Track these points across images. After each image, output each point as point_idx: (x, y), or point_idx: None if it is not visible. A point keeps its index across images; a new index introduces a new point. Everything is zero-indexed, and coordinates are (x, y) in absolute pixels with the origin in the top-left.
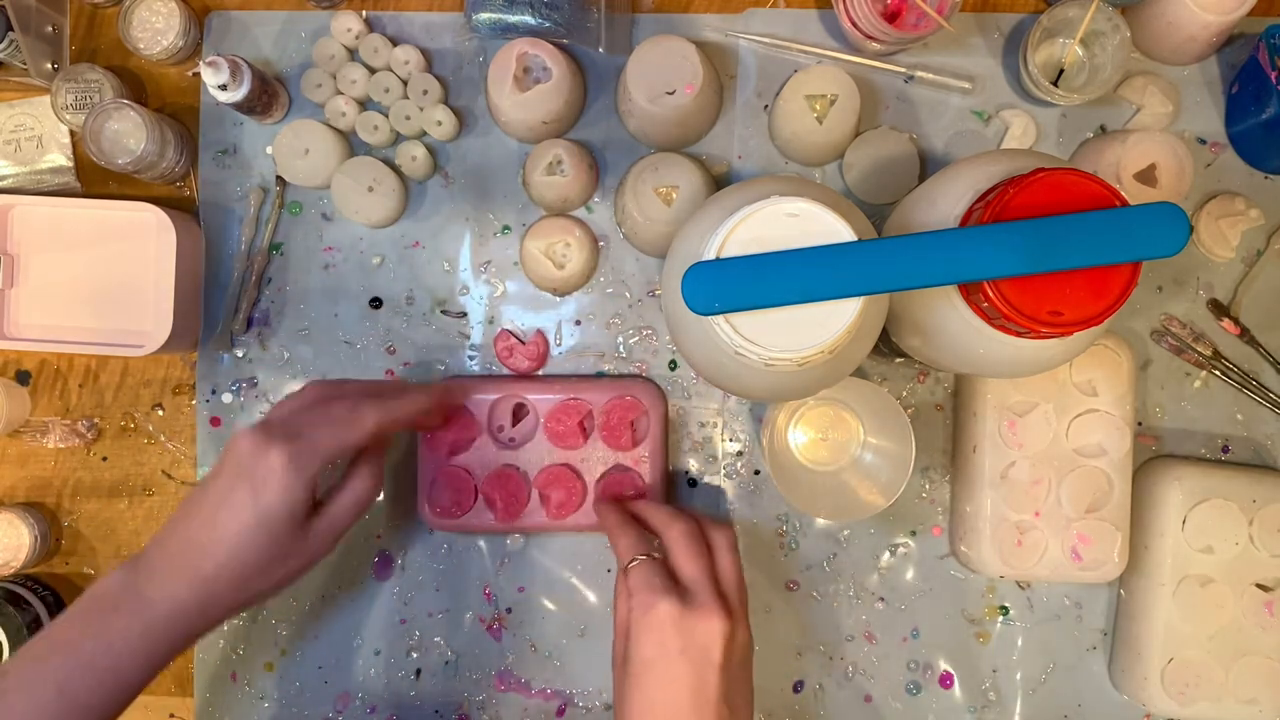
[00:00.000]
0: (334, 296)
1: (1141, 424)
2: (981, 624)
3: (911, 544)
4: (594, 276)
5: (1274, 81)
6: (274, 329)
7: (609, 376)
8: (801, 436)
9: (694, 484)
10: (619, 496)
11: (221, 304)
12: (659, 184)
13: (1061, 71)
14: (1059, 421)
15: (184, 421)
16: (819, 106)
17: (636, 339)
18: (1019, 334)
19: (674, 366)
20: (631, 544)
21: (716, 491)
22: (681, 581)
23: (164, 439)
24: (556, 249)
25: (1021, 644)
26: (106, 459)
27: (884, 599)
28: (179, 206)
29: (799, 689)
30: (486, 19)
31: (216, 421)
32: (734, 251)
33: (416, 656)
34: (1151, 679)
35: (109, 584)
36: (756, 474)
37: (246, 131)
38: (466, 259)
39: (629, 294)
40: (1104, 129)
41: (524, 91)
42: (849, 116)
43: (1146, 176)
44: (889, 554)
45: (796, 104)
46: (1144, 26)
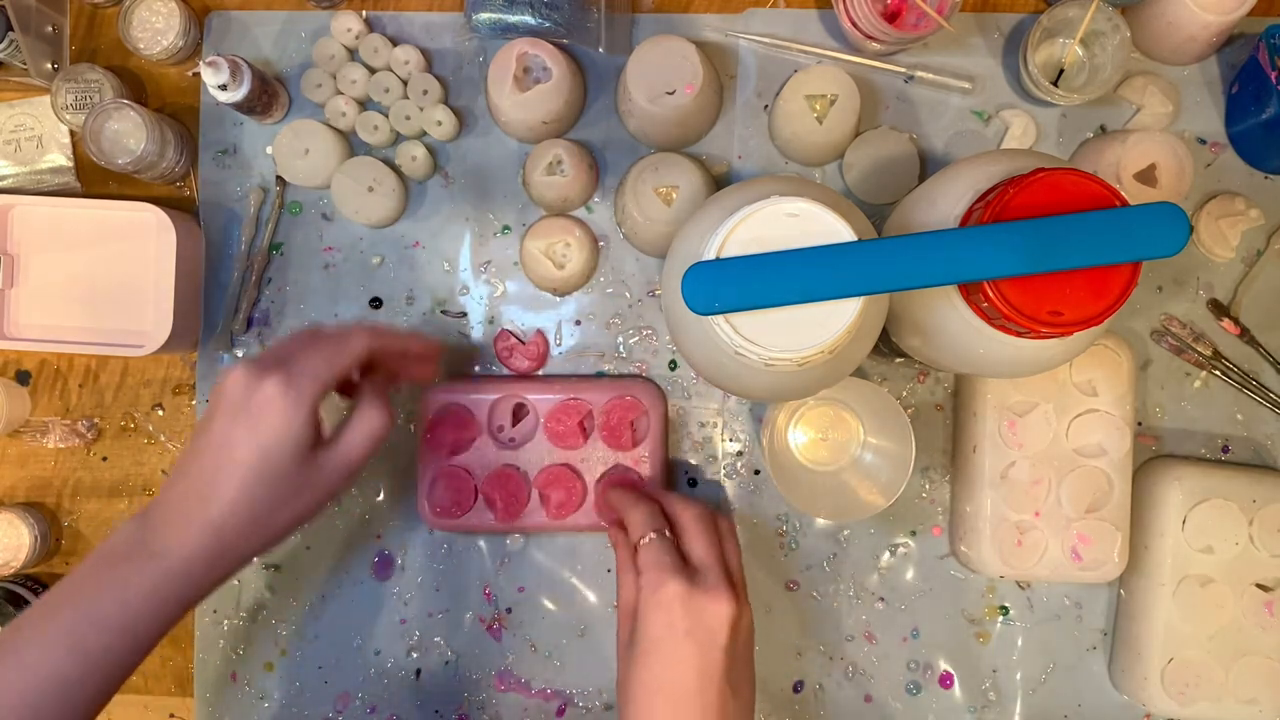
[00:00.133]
0: (334, 296)
1: (1141, 424)
2: (981, 624)
3: (911, 544)
4: (594, 276)
5: (1274, 81)
6: (274, 329)
7: (609, 376)
8: (801, 436)
9: (694, 484)
10: (627, 481)
11: (221, 304)
12: (659, 184)
13: (1061, 71)
14: (1059, 421)
15: (184, 421)
16: (819, 106)
17: (636, 339)
18: (1019, 334)
19: (674, 366)
20: (644, 519)
21: (716, 491)
22: (691, 562)
23: (164, 439)
24: (556, 249)
25: (1021, 644)
26: (106, 459)
27: (884, 599)
28: (179, 206)
29: (799, 689)
30: (486, 19)
31: None
32: (734, 251)
33: (416, 656)
34: (1151, 679)
35: (118, 538)
36: (756, 474)
37: (246, 131)
38: (466, 259)
39: (629, 294)
40: (1104, 129)
41: (524, 91)
42: (849, 116)
43: (1146, 176)
44: (889, 554)
45: (796, 104)
46: (1144, 26)
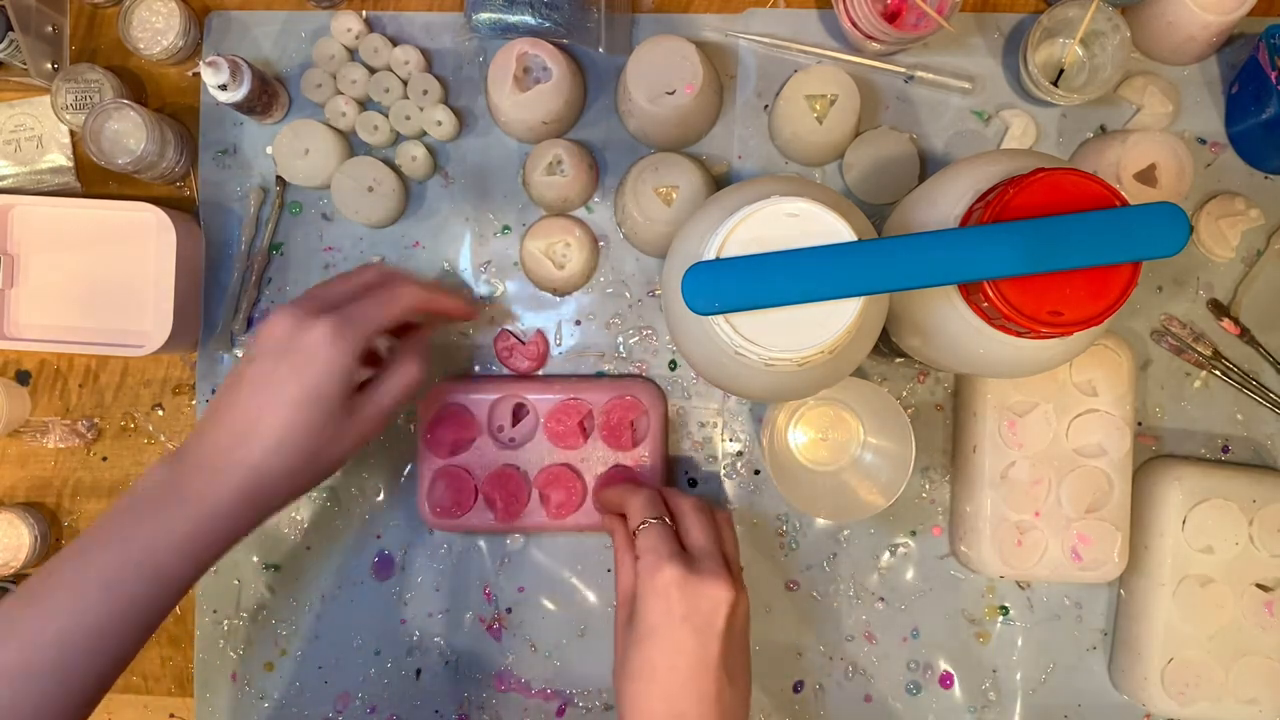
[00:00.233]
0: None
1: (1141, 424)
2: (981, 624)
3: (911, 544)
4: (594, 276)
5: (1274, 81)
6: None
7: (609, 376)
8: (801, 436)
9: (694, 484)
10: (625, 477)
11: (221, 304)
12: (659, 184)
13: (1061, 71)
14: (1059, 421)
15: (184, 421)
16: (819, 106)
17: (636, 339)
18: (1019, 334)
19: (674, 366)
20: (644, 505)
21: (716, 491)
22: (689, 549)
23: (164, 439)
24: (556, 249)
25: (1021, 644)
26: (106, 459)
27: (884, 599)
28: (179, 206)
29: (799, 689)
30: (486, 19)
31: None
32: (734, 251)
33: (416, 656)
34: (1151, 679)
35: (150, 480)
36: (756, 474)
37: (246, 131)
38: (466, 259)
39: (629, 294)
40: (1104, 129)
41: (524, 91)
42: (849, 116)
43: (1146, 176)
44: (889, 554)
45: (796, 104)
46: (1144, 26)
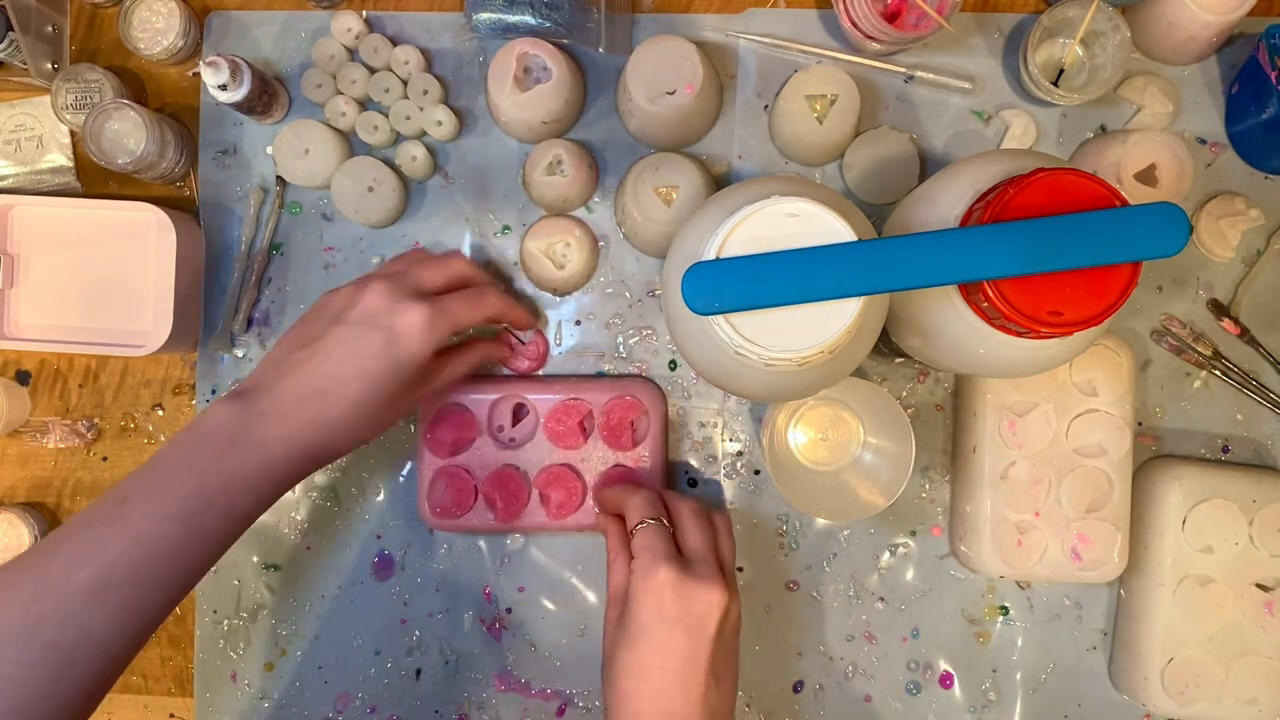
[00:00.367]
0: None
1: (1141, 424)
2: (981, 624)
3: (911, 544)
4: (594, 276)
5: (1274, 81)
6: (274, 329)
7: (609, 376)
8: (801, 436)
9: (694, 484)
10: (625, 477)
11: (221, 304)
12: (659, 184)
13: (1061, 71)
14: (1059, 421)
15: (184, 422)
16: (819, 106)
17: (636, 339)
18: (1019, 334)
19: (674, 366)
20: (643, 505)
21: (716, 491)
22: (685, 551)
23: (164, 439)
24: (556, 249)
25: (1021, 644)
26: (106, 459)
27: (884, 599)
28: (179, 206)
29: (799, 689)
30: (486, 19)
31: None
32: (734, 251)
33: (416, 656)
34: (1151, 679)
35: (221, 419)
36: (756, 474)
37: (246, 131)
38: None
39: (629, 294)
40: (1104, 129)
41: (524, 91)
42: (849, 116)
43: (1146, 176)
44: (889, 554)
45: (796, 104)
46: (1144, 26)
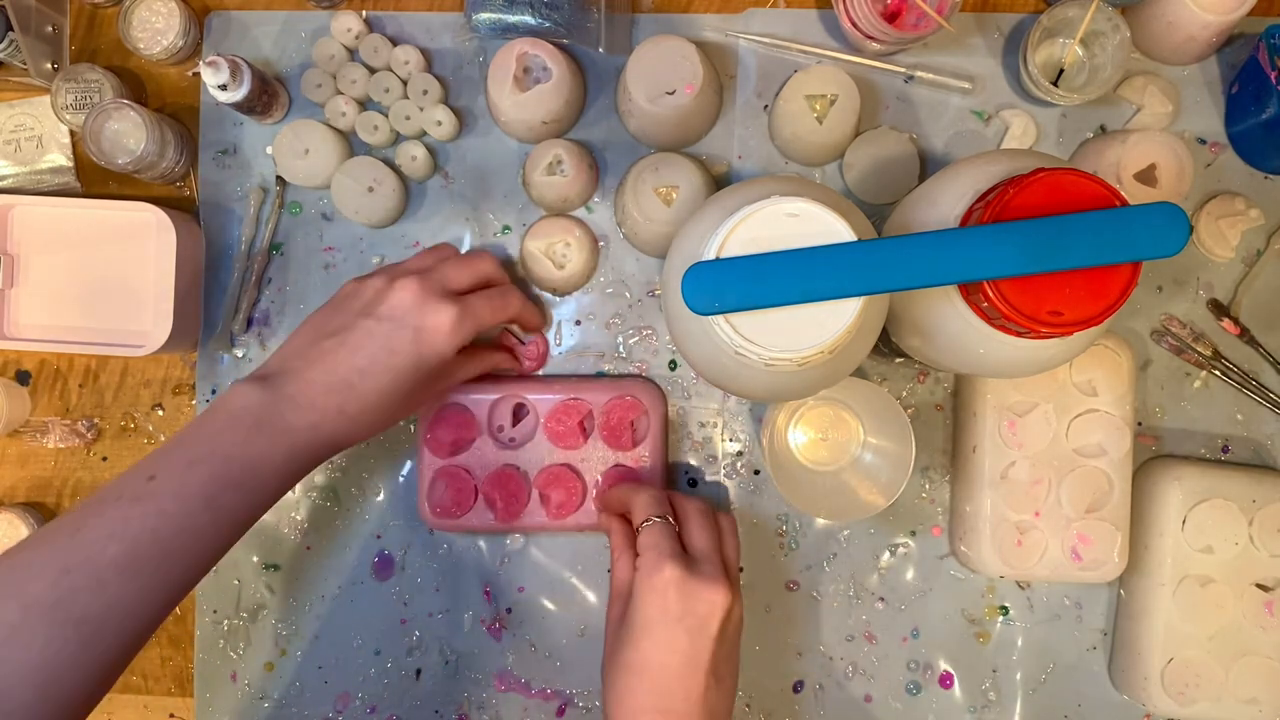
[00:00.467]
0: None
1: (1141, 424)
2: (981, 624)
3: (911, 544)
4: (594, 276)
5: (1274, 81)
6: (274, 329)
7: (609, 376)
8: (801, 436)
9: (694, 484)
10: (629, 478)
11: (221, 304)
12: (659, 184)
13: (1061, 71)
14: (1059, 421)
15: (184, 422)
16: (819, 106)
17: (636, 339)
18: (1019, 334)
19: (674, 366)
20: (649, 503)
21: (716, 491)
22: (690, 551)
23: (164, 439)
24: (556, 249)
25: (1021, 644)
26: (106, 459)
27: (884, 599)
28: (179, 206)
29: (799, 689)
30: (486, 19)
31: None
32: (734, 251)
33: (416, 656)
34: (1151, 679)
35: (246, 402)
36: (756, 474)
37: (246, 131)
38: None
39: (629, 294)
40: (1104, 129)
41: (524, 91)
42: (849, 116)
43: (1146, 176)
44: (889, 554)
45: (796, 104)
46: (1144, 26)
